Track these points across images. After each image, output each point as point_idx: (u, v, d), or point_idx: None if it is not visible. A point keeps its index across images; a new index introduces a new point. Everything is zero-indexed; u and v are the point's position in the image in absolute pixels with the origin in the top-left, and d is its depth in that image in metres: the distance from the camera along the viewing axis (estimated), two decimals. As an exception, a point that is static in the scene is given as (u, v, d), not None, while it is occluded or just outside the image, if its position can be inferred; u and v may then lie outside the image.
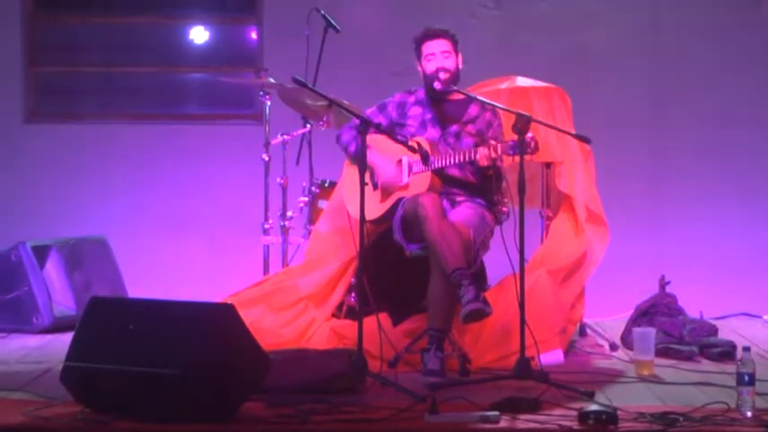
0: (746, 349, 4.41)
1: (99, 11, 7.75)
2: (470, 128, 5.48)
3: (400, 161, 5.44)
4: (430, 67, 5.46)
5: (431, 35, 5.49)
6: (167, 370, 4.11)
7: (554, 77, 6.13)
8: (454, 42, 5.49)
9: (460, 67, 5.51)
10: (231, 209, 7.26)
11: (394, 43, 6.85)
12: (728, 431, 4.15)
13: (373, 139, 5.30)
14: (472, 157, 5.13)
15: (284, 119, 6.64)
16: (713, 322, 6.02)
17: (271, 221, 6.49)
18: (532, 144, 4.85)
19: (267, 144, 6.48)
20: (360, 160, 4.91)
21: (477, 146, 5.21)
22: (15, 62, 7.51)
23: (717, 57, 7.33)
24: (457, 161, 5.23)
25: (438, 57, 5.45)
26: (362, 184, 4.87)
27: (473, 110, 5.52)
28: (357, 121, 5.03)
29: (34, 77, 7.63)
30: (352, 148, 5.51)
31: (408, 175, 5.40)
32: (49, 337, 6.30)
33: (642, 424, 4.20)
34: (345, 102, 5.50)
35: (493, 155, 5.04)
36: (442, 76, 5.41)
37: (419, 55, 5.51)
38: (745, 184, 7.29)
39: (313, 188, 6.29)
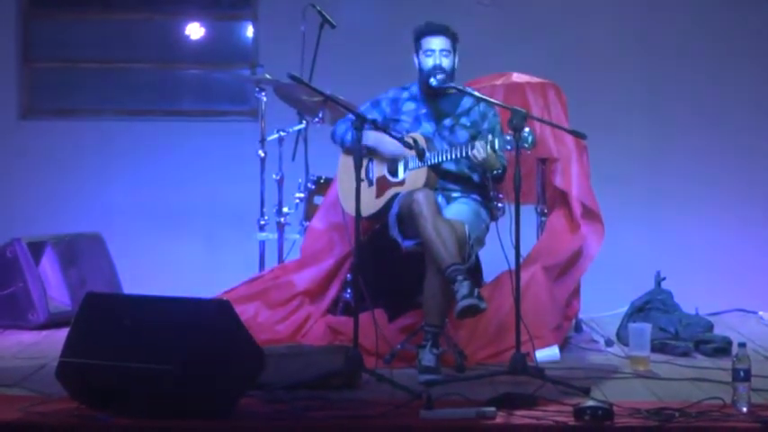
0: (742, 345, 4.41)
1: (94, 7, 7.73)
2: (464, 120, 5.46)
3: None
4: (427, 63, 5.42)
5: (432, 30, 5.43)
6: (163, 366, 4.10)
7: (550, 73, 6.13)
8: (454, 41, 5.44)
9: (456, 66, 5.49)
10: (227, 205, 7.26)
11: (390, 39, 6.85)
12: (724, 426, 4.15)
13: (368, 133, 5.29)
14: (468, 152, 5.12)
15: (280, 115, 6.63)
16: (709, 318, 6.03)
17: (266, 217, 6.48)
18: (530, 138, 4.84)
19: (263, 140, 6.48)
20: (356, 154, 4.90)
21: (473, 139, 5.19)
22: (10, 58, 7.51)
23: (715, 53, 7.34)
24: (453, 156, 5.22)
25: (437, 55, 5.39)
26: (358, 179, 4.87)
27: (466, 101, 5.50)
28: (352, 117, 5.03)
29: (30, 74, 7.62)
30: (349, 137, 5.46)
31: (404, 171, 5.40)
32: (44, 332, 6.29)
33: (638, 419, 4.20)
34: (341, 97, 5.49)
35: (489, 150, 5.03)
36: (439, 75, 5.38)
37: (417, 48, 5.46)
38: (741, 181, 7.29)
39: (309, 184, 6.28)
